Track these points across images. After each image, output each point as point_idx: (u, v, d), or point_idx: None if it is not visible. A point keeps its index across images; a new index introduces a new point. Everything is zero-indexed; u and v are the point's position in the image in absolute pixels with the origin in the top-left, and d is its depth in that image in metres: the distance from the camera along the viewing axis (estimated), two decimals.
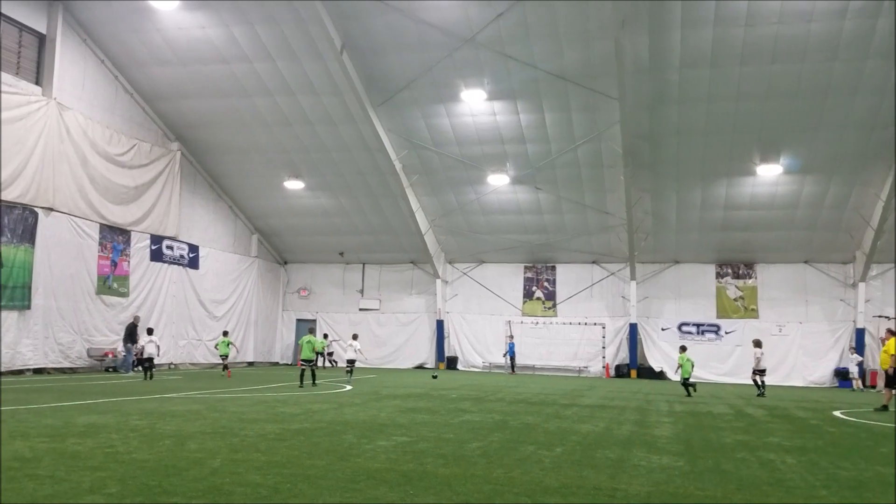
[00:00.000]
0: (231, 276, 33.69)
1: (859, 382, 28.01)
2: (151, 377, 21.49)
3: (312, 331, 21.16)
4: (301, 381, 19.96)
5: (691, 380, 21.58)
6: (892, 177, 25.46)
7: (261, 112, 27.50)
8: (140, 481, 6.17)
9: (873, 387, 29.01)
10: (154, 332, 23.28)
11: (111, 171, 25.88)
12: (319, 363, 33.44)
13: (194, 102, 27.54)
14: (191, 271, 30.68)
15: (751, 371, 23.01)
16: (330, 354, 34.70)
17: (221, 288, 32.87)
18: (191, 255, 30.71)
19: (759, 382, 22.27)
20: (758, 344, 22.83)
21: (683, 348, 23.15)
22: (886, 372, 17.29)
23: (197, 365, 30.37)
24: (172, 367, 29.05)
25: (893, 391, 17.12)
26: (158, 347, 23.07)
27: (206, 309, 31.63)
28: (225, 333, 26.49)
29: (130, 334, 25.12)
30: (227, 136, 29.27)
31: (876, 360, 29.72)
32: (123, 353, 25.51)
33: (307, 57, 24.64)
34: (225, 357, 24.84)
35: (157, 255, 28.59)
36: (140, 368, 22.84)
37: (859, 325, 30.23)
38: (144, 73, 26.43)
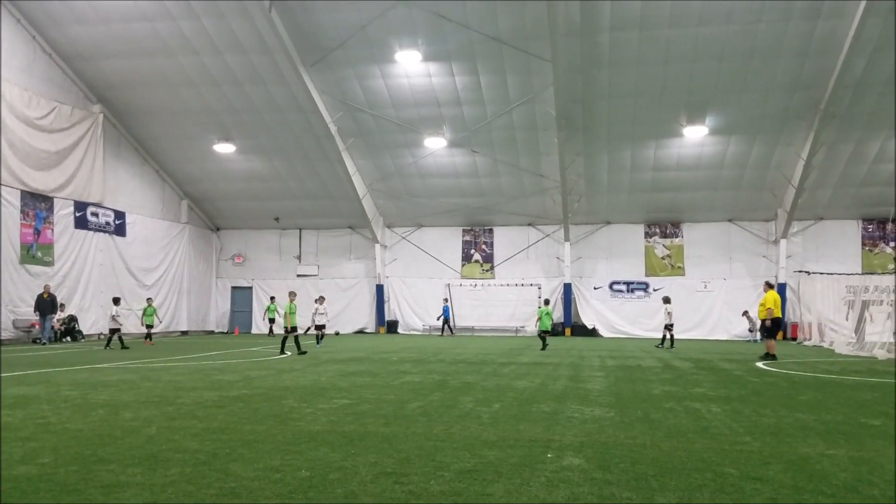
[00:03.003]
0: (160, 243, 32.79)
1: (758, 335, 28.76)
2: (123, 346, 22.01)
3: (293, 296, 20.58)
4: (282, 348, 19.56)
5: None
6: (812, 137, 26.47)
7: (187, 72, 26.57)
8: (74, 451, 6.05)
9: (794, 339, 30.48)
10: (119, 303, 22.95)
11: (31, 135, 24.74)
12: (269, 330, 32.86)
13: (116, 62, 26.39)
14: (118, 238, 29.75)
15: (664, 326, 24.60)
16: (272, 321, 33.96)
17: (151, 256, 32.00)
18: (117, 222, 29.74)
19: (669, 336, 24.22)
20: (667, 300, 25.08)
21: (546, 301, 25.77)
22: (763, 322, 18.30)
23: (128, 335, 29.48)
24: (102, 337, 28.25)
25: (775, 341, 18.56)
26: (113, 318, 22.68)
27: (136, 277, 30.78)
28: (149, 301, 25.92)
29: (42, 305, 24.41)
30: (151, 98, 28.21)
31: (796, 312, 31.25)
32: (40, 325, 24.83)
33: (234, 13, 23.85)
34: (150, 326, 24.81)
35: (81, 223, 27.58)
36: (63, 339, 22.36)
37: (781, 280, 31.60)
38: (63, 32, 25.15)
